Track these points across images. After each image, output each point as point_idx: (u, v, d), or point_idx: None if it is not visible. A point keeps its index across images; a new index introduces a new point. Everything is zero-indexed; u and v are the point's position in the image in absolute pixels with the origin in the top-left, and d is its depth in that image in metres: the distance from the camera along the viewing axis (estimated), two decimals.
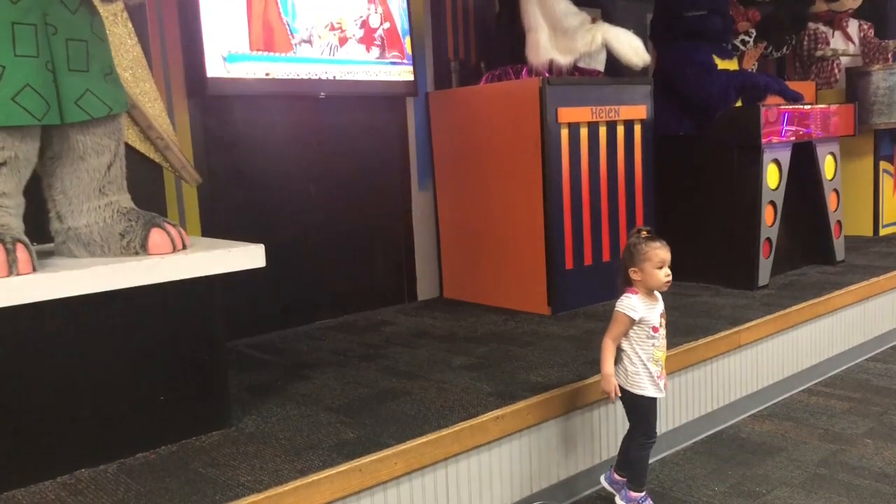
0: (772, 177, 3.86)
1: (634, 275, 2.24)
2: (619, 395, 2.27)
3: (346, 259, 3.76)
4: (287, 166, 3.51)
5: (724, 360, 3.06)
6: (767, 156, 3.80)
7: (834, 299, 3.63)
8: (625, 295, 2.26)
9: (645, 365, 2.24)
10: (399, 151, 3.94)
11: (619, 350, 2.28)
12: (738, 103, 4.05)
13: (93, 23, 2.10)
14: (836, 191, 4.36)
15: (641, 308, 2.23)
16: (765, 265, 3.86)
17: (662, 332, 2.28)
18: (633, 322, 2.22)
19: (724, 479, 2.59)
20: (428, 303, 4.00)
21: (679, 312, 3.39)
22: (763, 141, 3.73)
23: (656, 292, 2.28)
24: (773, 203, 3.87)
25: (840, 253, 4.41)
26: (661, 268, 2.22)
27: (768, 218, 3.86)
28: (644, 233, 2.26)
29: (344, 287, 3.76)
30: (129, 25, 2.56)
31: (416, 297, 4.06)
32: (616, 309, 2.26)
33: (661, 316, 2.28)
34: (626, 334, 2.25)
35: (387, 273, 3.95)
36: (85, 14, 2.07)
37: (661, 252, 2.22)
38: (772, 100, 4.20)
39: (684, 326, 3.14)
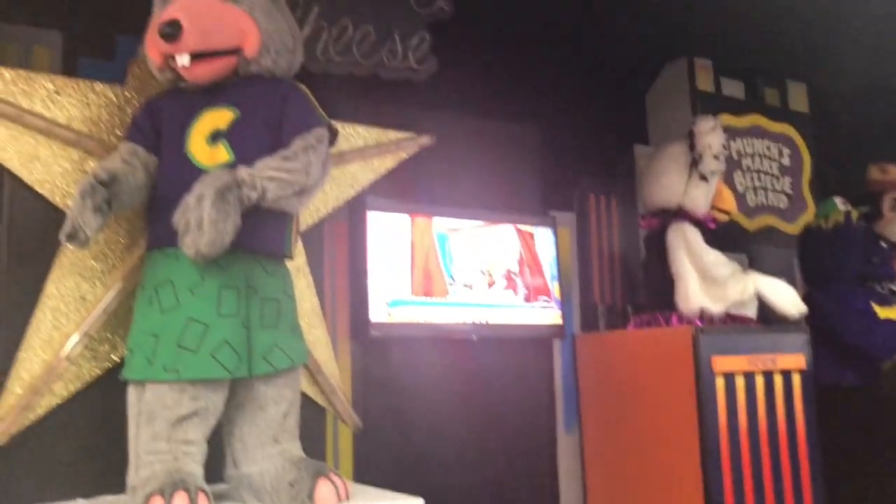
0: None
1: None
2: None
3: (491, 502, 3.67)
4: (438, 407, 3.57)
5: None
6: None
7: None
8: None
9: None
10: (545, 393, 3.94)
11: None
12: None
13: (285, 283, 2.31)
14: None
15: None
16: None
17: None
18: None
19: None
20: None
21: None
22: None
23: None
24: None
25: None
26: None
27: None
28: None
29: None
30: (310, 278, 2.80)
31: None
32: None
33: None
34: None
35: None
36: (280, 275, 2.29)
37: None
38: None
39: None
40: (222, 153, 2.14)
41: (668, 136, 4.06)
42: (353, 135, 2.91)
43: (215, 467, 2.26)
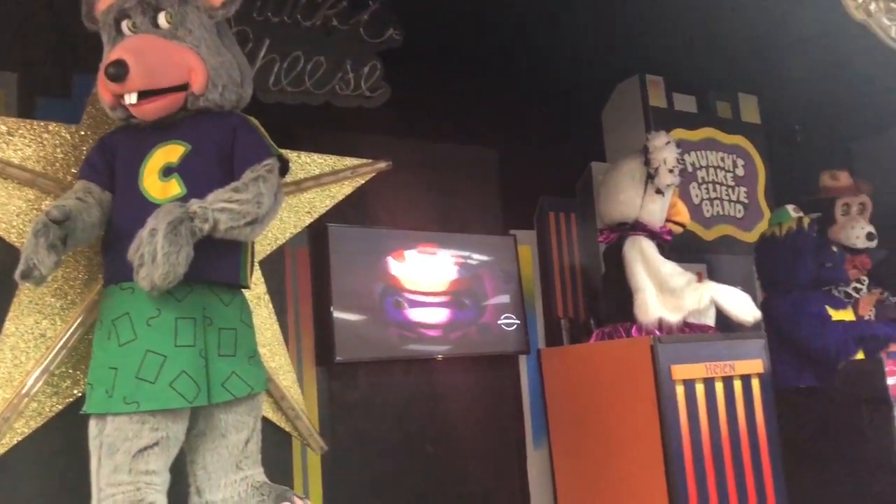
0: None
1: None
2: None
3: None
4: (405, 428, 3.60)
5: None
6: None
7: None
8: None
9: None
10: (513, 409, 4.00)
11: None
12: (861, 354, 3.97)
13: (242, 312, 2.35)
14: None
15: None
16: None
17: None
18: None
19: None
20: None
21: None
22: (892, 395, 3.59)
23: None
24: None
25: None
26: None
27: None
28: None
29: None
30: (271, 307, 2.84)
31: None
32: None
33: None
34: None
35: None
36: (236, 305, 2.33)
37: None
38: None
39: None
40: (174, 187, 2.19)
41: (624, 152, 4.15)
42: (308, 163, 2.97)
43: (179, 497, 2.29)
